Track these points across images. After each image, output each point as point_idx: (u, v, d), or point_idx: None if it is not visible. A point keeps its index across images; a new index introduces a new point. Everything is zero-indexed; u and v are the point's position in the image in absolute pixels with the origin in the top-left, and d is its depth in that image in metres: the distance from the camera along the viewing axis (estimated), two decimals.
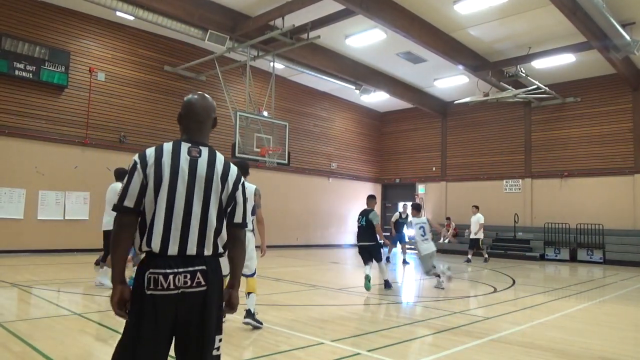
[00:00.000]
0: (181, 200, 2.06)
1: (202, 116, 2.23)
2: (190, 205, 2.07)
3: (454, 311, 6.38)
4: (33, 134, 12.48)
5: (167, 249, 2.02)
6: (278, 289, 7.98)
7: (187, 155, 2.12)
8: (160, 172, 2.07)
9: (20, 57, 12.03)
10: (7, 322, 4.95)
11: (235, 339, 4.83)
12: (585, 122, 17.15)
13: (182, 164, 2.10)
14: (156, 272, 1.99)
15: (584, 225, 16.14)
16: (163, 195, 2.05)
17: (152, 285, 1.98)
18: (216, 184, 2.14)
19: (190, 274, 2.03)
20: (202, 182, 2.11)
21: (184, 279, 2.01)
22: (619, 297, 8.50)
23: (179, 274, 2.01)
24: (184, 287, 2.01)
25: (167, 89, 15.27)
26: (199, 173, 2.11)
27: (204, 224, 2.09)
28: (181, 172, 2.08)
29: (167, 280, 1.99)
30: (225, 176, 2.17)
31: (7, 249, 11.85)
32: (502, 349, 4.49)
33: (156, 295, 1.98)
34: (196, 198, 2.09)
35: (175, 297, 2.00)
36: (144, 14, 11.90)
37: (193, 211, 2.07)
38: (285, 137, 13.66)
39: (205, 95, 2.30)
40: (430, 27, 13.17)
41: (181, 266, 2.02)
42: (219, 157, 2.20)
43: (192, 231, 2.06)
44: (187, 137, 2.20)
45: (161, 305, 1.99)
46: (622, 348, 4.76)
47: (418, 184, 21.74)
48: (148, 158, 2.12)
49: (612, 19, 11.00)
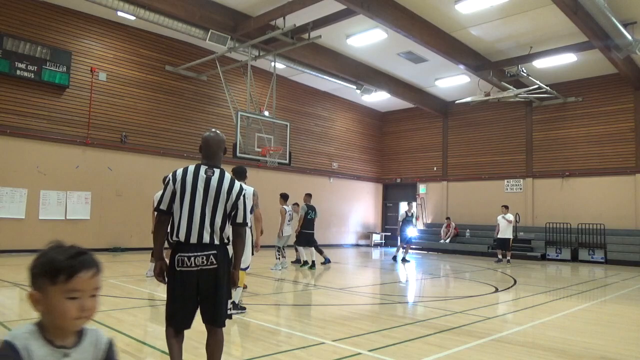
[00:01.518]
0: (198, 206, 2.99)
1: (214, 147, 3.24)
2: (204, 209, 2.99)
3: (455, 311, 6.37)
4: (35, 134, 12.50)
5: (190, 239, 2.94)
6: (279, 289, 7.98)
7: (204, 174, 3.07)
8: (184, 186, 3.01)
9: (21, 57, 12.05)
10: (8, 322, 4.96)
11: (236, 339, 4.84)
12: (586, 122, 17.12)
13: (200, 180, 3.03)
14: (182, 255, 2.94)
15: (585, 225, 16.12)
16: (186, 203, 2.99)
17: (180, 265, 2.95)
18: (223, 195, 3.05)
19: (206, 256, 2.95)
20: (213, 194, 3.03)
21: (201, 260, 2.94)
22: (620, 297, 8.49)
23: (197, 256, 2.94)
24: (201, 265, 2.95)
25: (168, 88, 15.28)
26: (212, 187, 3.04)
27: (213, 222, 3.00)
28: (199, 186, 3.02)
29: (190, 261, 2.93)
30: (230, 190, 3.08)
31: (9, 248, 11.87)
32: (503, 349, 4.48)
33: (183, 271, 2.94)
34: (208, 204, 3.01)
35: (196, 272, 2.95)
36: (145, 14, 11.91)
37: (206, 214, 2.99)
38: (286, 136, 13.66)
39: (218, 131, 3.32)
40: (431, 27, 13.17)
41: (199, 251, 2.94)
42: (226, 176, 3.14)
43: (206, 227, 2.97)
44: (205, 162, 3.17)
45: (187, 277, 2.95)
46: (624, 348, 4.75)
47: (419, 183, 21.73)
48: (177, 176, 3.06)
49: (614, 19, 10.99)
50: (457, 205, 20.12)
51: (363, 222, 22.23)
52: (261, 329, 5.19)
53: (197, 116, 15.95)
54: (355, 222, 21.85)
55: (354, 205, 21.72)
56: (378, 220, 23.07)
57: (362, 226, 22.17)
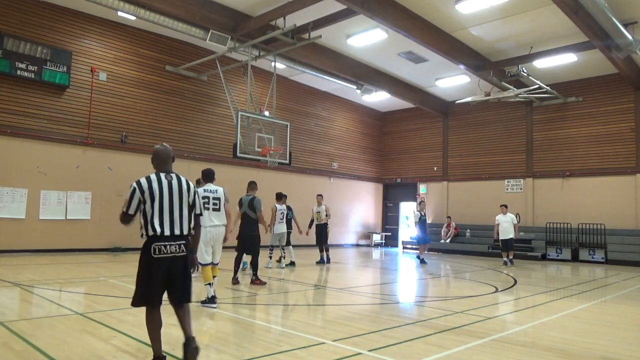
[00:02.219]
0: (168, 204, 3.64)
1: (165, 157, 3.81)
2: (172, 207, 3.65)
3: (455, 311, 6.37)
4: (35, 134, 12.51)
5: (164, 231, 3.58)
6: (279, 289, 7.98)
7: (164, 179, 3.68)
8: (152, 191, 3.60)
9: (22, 57, 12.05)
10: (9, 322, 4.95)
11: (236, 339, 4.84)
12: (587, 122, 17.12)
13: (164, 185, 3.65)
14: (159, 245, 3.55)
15: (585, 225, 16.12)
16: (157, 203, 3.60)
17: (157, 252, 3.55)
18: (184, 194, 3.73)
19: (178, 245, 3.62)
20: (177, 194, 3.69)
21: (175, 248, 3.60)
22: (620, 297, 8.48)
23: (171, 245, 3.59)
24: (174, 252, 3.60)
25: (168, 88, 15.29)
26: (174, 189, 3.69)
27: (181, 216, 3.68)
28: (165, 189, 3.64)
29: (165, 249, 3.56)
30: (188, 189, 3.77)
31: (9, 248, 11.87)
32: (503, 349, 4.48)
33: (160, 258, 3.55)
34: (175, 203, 3.66)
35: (170, 258, 3.58)
36: (145, 13, 11.91)
37: (174, 210, 3.65)
38: (286, 136, 13.66)
39: (166, 144, 3.89)
40: (431, 27, 13.16)
41: (172, 241, 3.60)
42: (181, 178, 3.79)
43: (176, 221, 3.63)
44: (161, 170, 3.76)
45: (162, 262, 3.56)
46: (624, 348, 4.75)
47: (419, 183, 21.73)
48: (143, 185, 3.62)
49: (614, 19, 10.98)
50: (458, 205, 20.11)
51: (363, 222, 22.23)
52: (261, 328, 5.19)
53: (197, 116, 15.95)
54: (356, 222, 21.84)
55: (354, 205, 21.71)
56: (378, 220, 23.07)
57: (362, 226, 22.17)
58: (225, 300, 7.04)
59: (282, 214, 11.34)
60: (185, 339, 3.63)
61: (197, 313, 5.83)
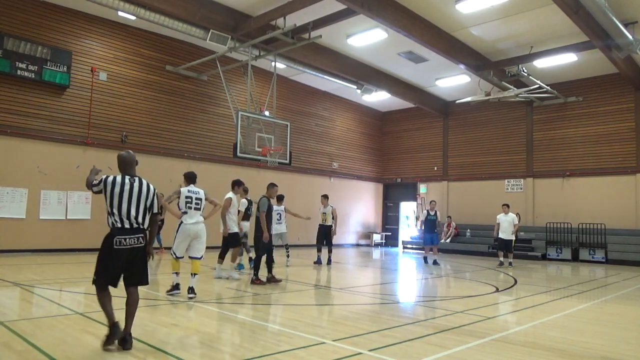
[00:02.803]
0: (127, 202, 4.22)
1: (129, 162, 4.46)
2: (130, 204, 4.23)
3: (455, 311, 6.37)
4: (35, 134, 12.51)
5: (124, 225, 4.16)
6: (280, 289, 7.98)
7: (128, 182, 4.27)
8: (114, 190, 4.21)
9: (22, 57, 12.05)
10: (9, 322, 4.96)
11: (236, 339, 4.84)
12: (587, 122, 17.12)
13: (126, 186, 4.24)
14: (120, 237, 4.12)
15: (586, 225, 16.12)
16: (119, 200, 4.20)
17: (118, 244, 4.11)
18: (143, 195, 4.31)
19: (136, 238, 4.20)
20: (136, 194, 4.26)
21: (133, 240, 4.17)
22: (621, 296, 8.48)
23: (130, 237, 4.16)
24: (133, 244, 4.17)
25: (168, 88, 15.29)
26: (134, 190, 4.26)
27: (138, 213, 4.25)
28: (126, 190, 4.22)
29: (125, 241, 4.13)
30: (147, 191, 4.34)
31: (10, 248, 11.88)
32: (504, 349, 4.48)
33: (120, 249, 4.12)
34: (134, 201, 4.25)
35: (129, 249, 4.15)
36: (145, 13, 11.91)
37: (133, 207, 4.23)
38: (286, 136, 13.66)
39: (130, 151, 4.59)
40: (431, 27, 13.16)
41: (131, 234, 4.16)
42: (143, 181, 4.37)
43: (134, 217, 4.21)
44: (126, 173, 4.37)
45: (122, 253, 4.13)
46: (624, 348, 4.75)
47: (419, 183, 21.72)
48: (108, 180, 4.24)
49: (614, 18, 10.97)
50: (458, 205, 20.11)
51: (363, 222, 22.23)
52: (261, 328, 5.19)
53: (197, 116, 15.96)
54: (356, 222, 21.84)
55: (354, 205, 21.71)
56: (378, 220, 23.07)
57: (362, 226, 22.17)
58: (225, 300, 7.04)
59: (279, 214, 11.24)
60: (123, 333, 4.12)
61: (198, 313, 5.84)
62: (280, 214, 11.29)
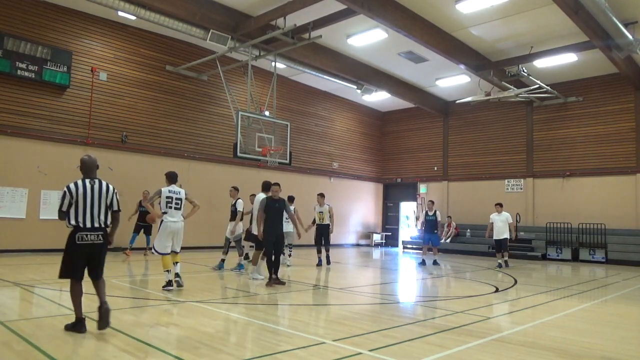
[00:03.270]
0: (90, 203, 4.67)
1: (91, 166, 4.86)
2: (93, 205, 4.68)
3: (455, 311, 6.37)
4: (35, 134, 12.51)
5: (86, 224, 4.63)
6: (280, 289, 7.98)
7: (89, 184, 4.72)
8: (78, 193, 4.64)
9: (22, 57, 12.05)
10: (9, 321, 4.96)
11: (236, 338, 4.84)
12: (587, 122, 17.12)
13: (88, 189, 4.69)
14: (82, 234, 4.62)
15: (586, 225, 16.11)
16: (83, 202, 4.65)
17: (80, 240, 4.61)
18: (104, 195, 4.77)
19: (97, 235, 4.68)
20: (97, 195, 4.72)
21: (94, 237, 4.66)
22: (621, 296, 8.48)
23: (91, 234, 4.64)
24: (94, 240, 4.67)
25: (169, 88, 15.29)
26: (95, 192, 4.72)
27: (100, 213, 4.72)
28: (89, 192, 4.68)
29: (87, 237, 4.62)
30: (107, 191, 4.81)
31: (10, 248, 11.88)
32: (504, 349, 4.48)
33: (82, 244, 4.62)
34: (96, 202, 4.70)
35: (90, 245, 4.65)
36: (145, 13, 11.91)
37: (95, 207, 4.69)
38: (286, 136, 13.67)
39: (91, 155, 4.98)
40: (431, 27, 13.16)
41: (92, 231, 4.65)
42: (103, 183, 4.83)
43: (95, 216, 4.68)
44: (87, 176, 4.79)
45: (84, 248, 4.63)
46: (625, 348, 4.75)
47: (419, 183, 21.72)
48: (72, 190, 4.64)
49: (615, 18, 10.98)
50: (458, 205, 20.11)
51: (363, 221, 22.23)
52: (261, 328, 5.19)
53: (197, 116, 15.96)
54: (356, 222, 21.84)
55: (354, 205, 21.71)
56: (378, 220, 23.07)
57: (362, 226, 22.17)
58: (226, 300, 7.04)
59: None
60: (100, 303, 4.65)
61: (197, 313, 5.84)
62: None
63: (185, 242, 14.60)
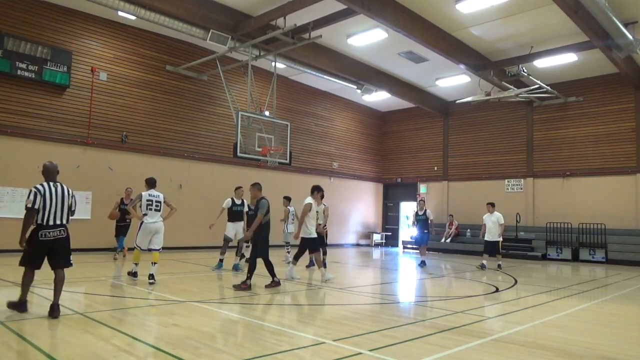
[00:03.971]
0: (54, 204, 5.29)
1: (52, 171, 5.49)
2: (56, 205, 5.31)
3: (455, 311, 6.37)
4: (35, 134, 12.51)
5: (49, 221, 5.26)
6: (280, 289, 7.98)
7: (52, 187, 5.32)
8: (45, 195, 5.25)
9: (22, 57, 12.05)
10: (9, 321, 4.96)
11: (236, 338, 4.84)
12: (587, 122, 17.12)
13: (52, 190, 5.31)
14: (45, 231, 5.25)
15: (586, 225, 16.11)
16: (47, 202, 5.25)
17: (43, 237, 5.24)
18: (66, 197, 5.43)
19: (58, 231, 5.32)
20: (60, 196, 5.36)
21: (57, 233, 5.31)
22: (621, 296, 8.48)
23: (53, 231, 5.28)
24: (56, 236, 5.30)
25: (169, 88, 15.29)
26: (58, 193, 5.36)
27: (62, 212, 5.37)
28: (53, 193, 5.30)
29: (50, 234, 5.25)
30: (68, 194, 5.46)
31: (10, 248, 11.85)
32: (504, 349, 4.48)
33: (44, 240, 5.25)
34: (59, 203, 5.33)
35: (52, 240, 5.28)
36: (145, 13, 11.91)
37: (57, 208, 5.32)
38: (286, 136, 13.67)
39: (53, 161, 5.60)
40: (431, 27, 13.16)
41: (53, 228, 5.27)
42: (64, 186, 5.47)
43: (57, 215, 5.32)
44: (49, 180, 5.42)
45: (46, 243, 5.27)
46: (625, 348, 4.75)
47: (420, 183, 21.73)
48: (40, 189, 5.27)
49: (615, 18, 10.98)
50: (458, 205, 20.11)
51: (363, 221, 22.23)
52: (261, 328, 5.19)
53: (197, 116, 15.95)
54: (356, 221, 21.84)
55: (354, 205, 21.71)
56: (378, 220, 23.07)
57: (362, 226, 22.17)
58: (226, 300, 7.04)
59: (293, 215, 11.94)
60: (52, 302, 5.25)
61: (197, 313, 5.84)
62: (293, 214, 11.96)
63: (186, 242, 14.74)
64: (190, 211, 14.39)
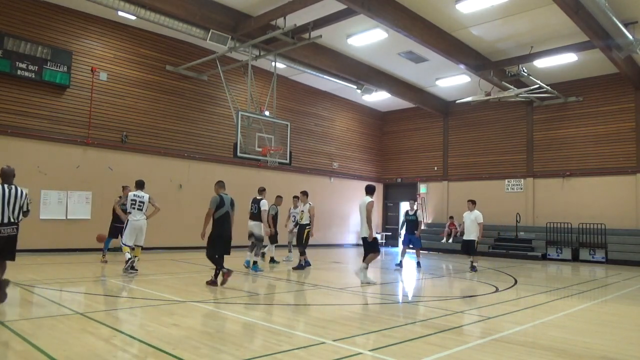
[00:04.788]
0: (7, 204, 5.81)
1: (8, 174, 6.14)
2: (10, 205, 5.84)
3: (455, 311, 6.37)
4: (35, 134, 12.51)
5: (3, 220, 5.75)
6: (280, 288, 7.98)
7: (7, 189, 5.87)
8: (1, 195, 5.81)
9: (22, 57, 12.05)
10: (9, 321, 4.96)
11: (236, 339, 4.84)
12: (587, 122, 17.12)
13: (6, 192, 5.85)
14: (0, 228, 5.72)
15: (586, 225, 16.11)
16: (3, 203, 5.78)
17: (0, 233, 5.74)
18: (18, 198, 5.94)
19: (11, 228, 5.83)
20: (13, 198, 5.88)
21: (9, 230, 5.81)
22: (621, 296, 8.48)
23: (6, 228, 5.78)
24: (9, 233, 5.82)
25: (169, 88, 15.29)
26: (12, 195, 5.88)
27: (14, 212, 5.87)
28: (6, 195, 5.84)
29: (5, 231, 5.77)
30: (22, 195, 6.00)
31: None
32: (504, 349, 4.48)
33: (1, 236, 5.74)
34: (11, 203, 5.86)
35: (6, 236, 5.79)
36: (145, 13, 11.91)
37: (11, 207, 5.84)
38: (286, 136, 13.67)
39: (9, 165, 6.30)
40: (432, 27, 13.16)
41: (7, 226, 5.78)
42: (18, 188, 6.02)
43: (11, 215, 5.82)
44: (6, 182, 5.99)
45: (1, 239, 5.75)
46: (625, 348, 4.75)
47: (420, 183, 21.73)
48: None
49: (615, 18, 10.98)
50: (458, 205, 20.04)
51: None
52: (261, 328, 5.19)
53: (197, 116, 15.96)
54: (356, 222, 21.67)
55: (354, 205, 21.64)
56: (379, 220, 23.07)
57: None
58: (226, 300, 7.04)
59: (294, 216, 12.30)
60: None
61: (197, 313, 5.84)
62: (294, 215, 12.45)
63: (186, 242, 14.73)
64: (190, 211, 14.40)
